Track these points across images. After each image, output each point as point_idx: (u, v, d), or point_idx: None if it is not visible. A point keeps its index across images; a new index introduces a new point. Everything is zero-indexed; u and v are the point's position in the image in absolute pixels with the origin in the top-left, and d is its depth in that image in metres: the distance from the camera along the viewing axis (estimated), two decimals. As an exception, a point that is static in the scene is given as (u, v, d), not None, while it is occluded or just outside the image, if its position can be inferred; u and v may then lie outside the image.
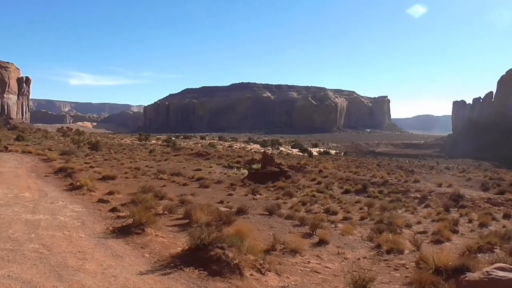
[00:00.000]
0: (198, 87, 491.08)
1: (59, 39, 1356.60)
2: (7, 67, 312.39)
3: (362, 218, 21.15)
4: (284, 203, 23.25)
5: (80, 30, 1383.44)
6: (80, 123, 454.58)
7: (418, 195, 30.37)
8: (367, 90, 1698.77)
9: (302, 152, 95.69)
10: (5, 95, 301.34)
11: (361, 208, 24.78)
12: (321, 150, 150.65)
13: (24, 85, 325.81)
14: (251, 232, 10.84)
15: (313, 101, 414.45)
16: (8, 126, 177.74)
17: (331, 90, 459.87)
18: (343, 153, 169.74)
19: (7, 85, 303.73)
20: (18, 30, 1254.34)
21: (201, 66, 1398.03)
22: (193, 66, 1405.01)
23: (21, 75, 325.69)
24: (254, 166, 41.95)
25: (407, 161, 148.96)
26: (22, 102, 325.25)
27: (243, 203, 18.41)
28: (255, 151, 78.04)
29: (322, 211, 22.53)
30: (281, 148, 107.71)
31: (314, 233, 14.16)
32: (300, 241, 11.98)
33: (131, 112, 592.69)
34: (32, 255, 8.30)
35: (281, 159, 57.35)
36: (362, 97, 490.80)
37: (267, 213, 17.31)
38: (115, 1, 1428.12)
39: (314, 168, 46.18)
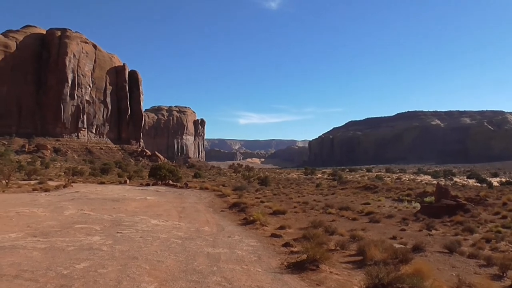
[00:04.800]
0: (362, 119, 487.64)
1: (229, 84, 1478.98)
2: (185, 111, 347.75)
3: None
4: (465, 239, 21.23)
5: (245, 75, 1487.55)
6: (249, 160, 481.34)
7: None
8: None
9: (480, 183, 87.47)
10: (183, 136, 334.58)
11: (561, 248, 21.50)
12: (503, 180, 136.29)
13: (200, 126, 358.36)
14: (431, 272, 10.08)
15: (490, 126, 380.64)
16: (187, 164, 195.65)
17: (510, 113, 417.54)
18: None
19: (185, 127, 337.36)
20: (194, 79, 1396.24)
21: (364, 97, 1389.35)
22: (356, 98, 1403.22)
23: (196, 118, 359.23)
24: (427, 199, 39.46)
25: None
26: (198, 142, 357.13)
27: (419, 240, 17.31)
28: (426, 183, 73.74)
29: (511, 249, 20.08)
30: (455, 179, 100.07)
31: (504, 274, 12.60)
32: (489, 283, 10.73)
33: (296, 147, 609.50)
34: (215, 288, 8.75)
35: (456, 191, 53.21)
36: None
37: (447, 251, 15.97)
38: (271, 48, 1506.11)
39: (497, 200, 41.82)
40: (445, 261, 14.32)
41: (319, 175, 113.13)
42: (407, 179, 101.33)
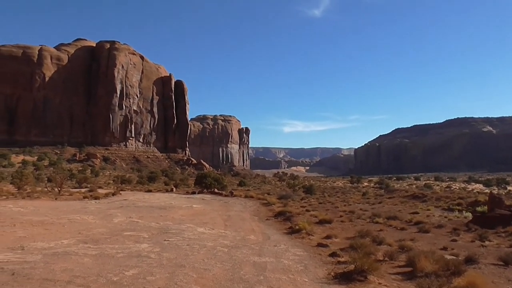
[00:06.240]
0: (409, 126, 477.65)
1: (274, 92, 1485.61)
2: (230, 120, 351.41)
3: None
4: (521, 251, 20.33)
5: (290, 83, 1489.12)
6: (294, 168, 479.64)
7: None
8: None
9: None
10: (228, 145, 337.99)
11: None
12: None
13: (244, 135, 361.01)
14: (486, 285, 9.69)
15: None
16: (232, 172, 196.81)
17: None
18: None
19: (230, 136, 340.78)
20: (239, 88, 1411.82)
21: (411, 104, 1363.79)
22: (403, 105, 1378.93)
23: (241, 126, 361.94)
24: (479, 209, 38.03)
25: None
26: (243, 151, 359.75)
27: (471, 251, 16.66)
28: (478, 192, 71.09)
29: None
30: (508, 188, 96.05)
31: None
32: (549, 298, 10.22)
33: (342, 155, 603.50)
34: (262, 298, 8.70)
35: (510, 200, 51.13)
36: None
37: (502, 263, 15.29)
38: (315, 56, 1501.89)
39: (555, 210, 39.86)
40: (500, 274, 13.71)
41: (366, 184, 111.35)
42: (458, 187, 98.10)
